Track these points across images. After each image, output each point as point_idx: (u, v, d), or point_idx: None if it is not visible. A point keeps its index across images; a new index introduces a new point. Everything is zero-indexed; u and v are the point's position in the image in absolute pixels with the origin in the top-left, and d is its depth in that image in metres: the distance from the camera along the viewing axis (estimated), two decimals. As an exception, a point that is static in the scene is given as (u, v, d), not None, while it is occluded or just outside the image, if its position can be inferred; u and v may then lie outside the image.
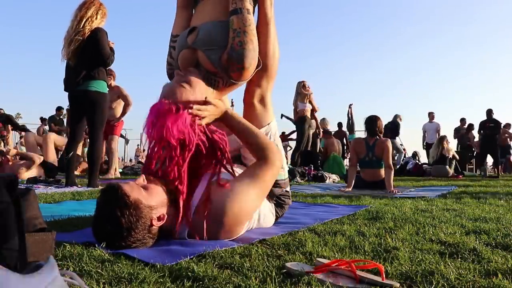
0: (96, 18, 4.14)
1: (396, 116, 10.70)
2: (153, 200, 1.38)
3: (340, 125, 12.16)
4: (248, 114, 1.88)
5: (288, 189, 1.93)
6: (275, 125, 1.92)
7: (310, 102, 7.96)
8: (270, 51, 1.88)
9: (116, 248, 1.29)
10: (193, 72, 1.65)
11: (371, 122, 4.92)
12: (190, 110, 1.46)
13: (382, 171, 4.71)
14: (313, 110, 8.19)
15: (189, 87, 1.56)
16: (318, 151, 8.83)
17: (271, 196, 1.83)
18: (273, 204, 1.86)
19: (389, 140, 4.88)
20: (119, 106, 6.50)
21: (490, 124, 10.15)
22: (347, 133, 11.65)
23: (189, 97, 1.53)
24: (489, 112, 10.30)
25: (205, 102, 1.53)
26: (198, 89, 1.60)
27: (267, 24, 1.89)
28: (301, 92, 7.84)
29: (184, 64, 1.76)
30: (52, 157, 5.60)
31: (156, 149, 1.42)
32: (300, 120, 7.95)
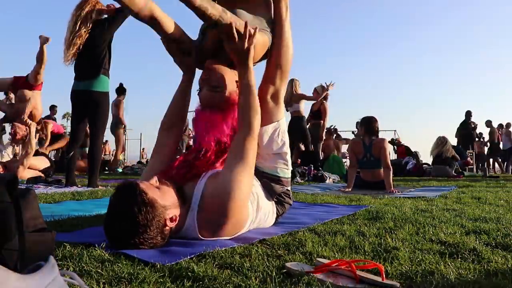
0: (91, 17, 4.12)
1: None
2: (167, 200, 1.40)
3: (357, 125, 12.17)
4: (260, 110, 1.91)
5: (289, 188, 1.93)
6: (284, 123, 1.97)
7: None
8: (284, 51, 1.94)
9: (127, 246, 1.28)
10: (213, 63, 1.77)
11: (370, 122, 4.95)
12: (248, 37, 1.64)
13: (381, 172, 4.71)
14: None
15: (221, 88, 1.73)
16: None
17: (271, 194, 1.84)
18: (273, 203, 1.86)
19: (385, 139, 4.91)
20: None
21: (470, 125, 11.07)
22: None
23: (224, 96, 1.74)
24: (468, 114, 11.08)
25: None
26: (229, 80, 1.75)
27: (282, 24, 1.96)
28: (294, 93, 7.72)
29: (212, 39, 1.82)
30: (42, 164, 5.55)
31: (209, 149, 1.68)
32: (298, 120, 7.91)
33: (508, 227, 1.84)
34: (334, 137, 9.52)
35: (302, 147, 7.95)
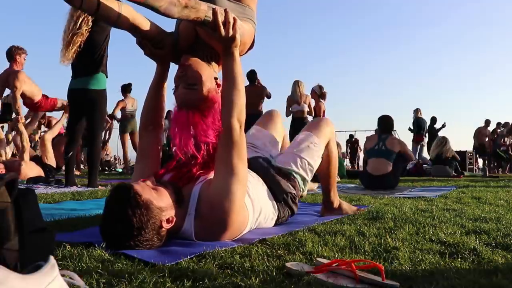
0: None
1: None
2: (163, 201, 1.39)
3: (351, 136, 12.43)
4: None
5: (297, 194, 1.92)
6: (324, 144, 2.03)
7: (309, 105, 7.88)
8: None
9: (123, 247, 1.28)
10: (191, 60, 1.65)
11: (386, 120, 5.11)
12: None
13: (387, 164, 4.73)
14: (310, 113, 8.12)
15: (198, 85, 1.62)
16: None
17: (278, 193, 1.83)
18: (275, 204, 1.83)
19: (400, 139, 5.17)
20: None
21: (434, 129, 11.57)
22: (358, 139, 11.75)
23: (202, 94, 1.61)
24: (433, 120, 11.61)
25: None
26: (206, 76, 1.64)
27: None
28: (302, 93, 7.78)
29: (184, 34, 1.72)
30: (51, 158, 5.55)
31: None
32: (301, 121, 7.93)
33: (508, 227, 1.84)
34: None
35: None
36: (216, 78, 1.69)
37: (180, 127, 1.61)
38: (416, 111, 10.92)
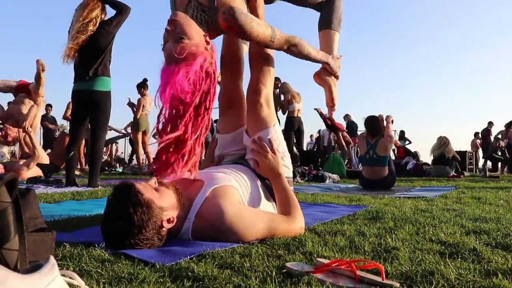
0: (100, 18, 4.15)
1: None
2: (164, 201, 1.39)
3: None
4: (255, 115, 1.87)
5: (291, 188, 1.91)
6: (278, 127, 1.92)
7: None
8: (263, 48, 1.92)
9: (123, 246, 1.28)
10: (180, 16, 1.63)
11: (372, 121, 5.00)
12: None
13: (383, 170, 4.73)
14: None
15: (187, 39, 1.58)
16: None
17: (272, 194, 1.83)
18: (273, 203, 1.85)
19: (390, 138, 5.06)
20: None
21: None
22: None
23: (191, 48, 1.57)
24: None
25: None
26: (196, 32, 1.62)
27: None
28: (295, 93, 7.88)
29: (180, 1, 1.78)
30: (43, 156, 5.52)
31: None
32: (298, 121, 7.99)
33: (508, 227, 1.84)
34: None
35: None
36: (205, 35, 1.66)
37: (163, 82, 1.54)
38: (347, 116, 11.30)
